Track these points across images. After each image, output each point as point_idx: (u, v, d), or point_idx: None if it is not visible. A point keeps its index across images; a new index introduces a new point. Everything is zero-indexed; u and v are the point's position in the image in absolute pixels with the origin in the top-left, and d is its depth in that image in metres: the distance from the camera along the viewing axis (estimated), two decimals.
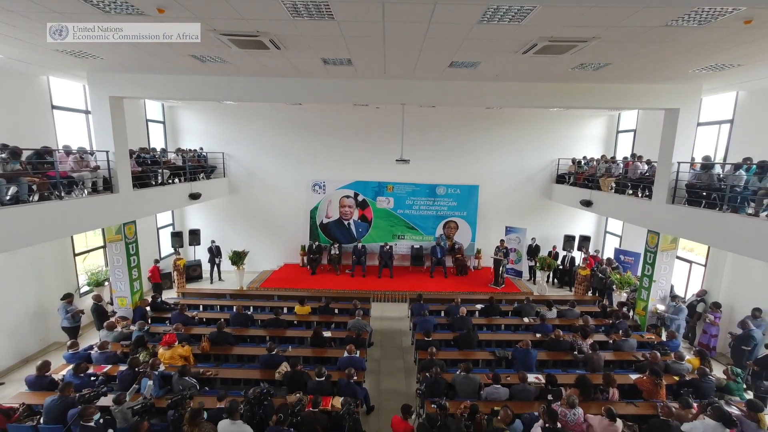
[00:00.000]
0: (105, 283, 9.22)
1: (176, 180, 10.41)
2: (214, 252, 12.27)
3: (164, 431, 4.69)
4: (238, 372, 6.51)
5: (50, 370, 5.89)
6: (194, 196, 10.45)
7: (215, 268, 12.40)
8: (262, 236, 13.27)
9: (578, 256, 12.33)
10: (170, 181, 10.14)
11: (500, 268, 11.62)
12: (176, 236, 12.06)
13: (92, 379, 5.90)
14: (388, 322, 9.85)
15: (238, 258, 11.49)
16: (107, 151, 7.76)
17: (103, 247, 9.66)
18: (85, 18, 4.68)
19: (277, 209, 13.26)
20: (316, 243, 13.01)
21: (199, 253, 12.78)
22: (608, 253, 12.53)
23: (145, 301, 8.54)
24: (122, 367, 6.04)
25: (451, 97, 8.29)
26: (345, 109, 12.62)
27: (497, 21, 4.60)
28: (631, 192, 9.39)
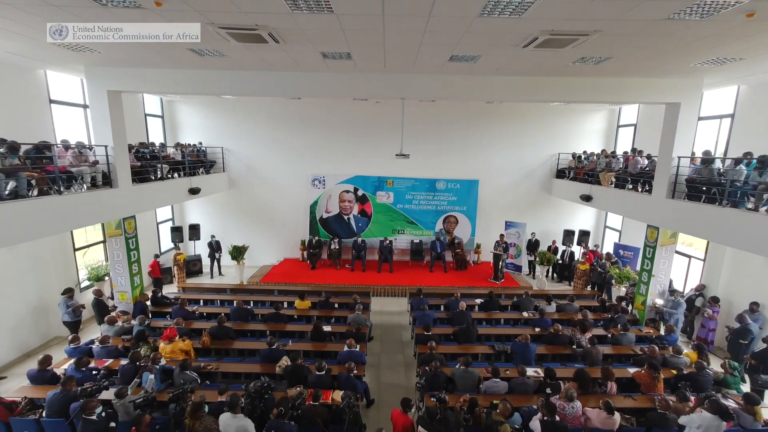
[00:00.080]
0: (105, 278, 9.25)
1: (175, 175, 10.40)
2: (214, 247, 12.28)
3: (166, 424, 4.72)
4: (238, 366, 6.54)
5: (52, 364, 5.91)
6: (194, 191, 10.45)
7: (215, 263, 12.43)
8: (261, 231, 13.28)
9: (578, 250, 12.35)
10: (169, 176, 10.13)
11: (500, 263, 11.64)
12: (176, 231, 12.06)
13: (94, 373, 5.94)
14: (387, 317, 9.88)
15: (238, 253, 11.52)
16: (106, 146, 7.74)
17: (103, 242, 9.66)
18: (83, 11, 4.64)
19: (277, 204, 13.25)
20: (316, 238, 13.02)
21: (199, 248, 12.79)
22: (608, 248, 12.55)
23: (146, 295, 8.56)
24: (123, 362, 6.06)
25: (451, 92, 8.25)
26: (345, 104, 12.55)
27: (498, 14, 4.57)
28: (631, 187, 9.38)
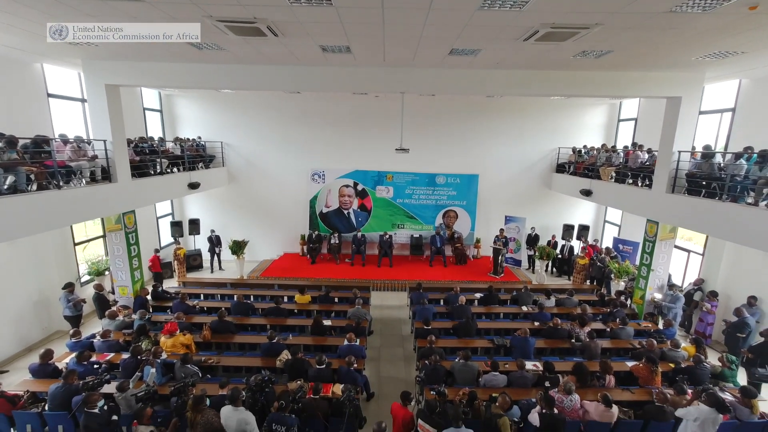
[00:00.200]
0: (106, 273, 9.26)
1: (175, 169, 10.38)
2: (214, 241, 12.29)
3: (168, 417, 4.76)
4: (239, 360, 6.57)
5: (53, 358, 5.95)
6: (193, 186, 10.43)
7: (215, 258, 12.44)
8: (261, 226, 13.28)
9: (577, 245, 12.37)
10: (169, 171, 10.10)
11: (499, 257, 11.66)
12: (176, 226, 12.07)
13: (95, 366, 5.98)
14: (387, 311, 9.92)
15: (238, 247, 11.53)
16: (104, 140, 7.71)
17: (103, 237, 9.67)
18: (82, 4, 4.60)
19: (277, 199, 13.23)
20: (316, 232, 13.03)
21: (199, 243, 12.80)
22: (607, 243, 12.58)
23: (146, 290, 8.57)
24: (125, 355, 6.10)
25: (451, 86, 8.21)
26: (344, 98, 12.49)
27: (498, 7, 4.52)
28: (631, 181, 9.37)
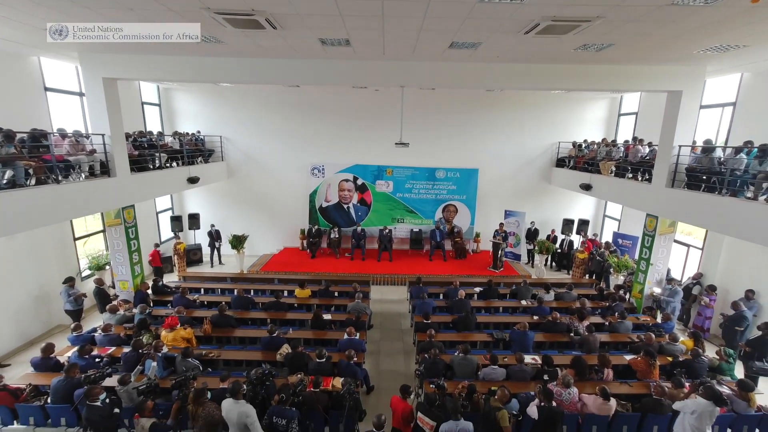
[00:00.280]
0: (106, 267, 9.28)
1: (174, 164, 10.35)
2: (214, 236, 12.29)
3: (169, 410, 4.80)
4: (240, 354, 6.61)
5: (54, 352, 5.97)
6: (192, 180, 10.41)
7: (215, 252, 12.46)
8: (261, 220, 13.28)
9: (576, 239, 12.39)
10: (168, 165, 10.07)
11: (499, 252, 11.68)
12: (176, 220, 12.06)
13: (97, 360, 6.02)
14: (387, 305, 9.96)
15: (237, 242, 11.54)
16: (103, 135, 7.67)
17: (102, 232, 9.67)
18: None
19: (276, 193, 13.21)
20: (316, 227, 13.03)
21: (199, 237, 12.81)
22: (606, 237, 12.60)
23: (146, 284, 8.60)
24: (126, 349, 6.13)
25: (451, 79, 8.14)
26: (343, 92, 12.41)
27: None
28: (630, 176, 9.36)
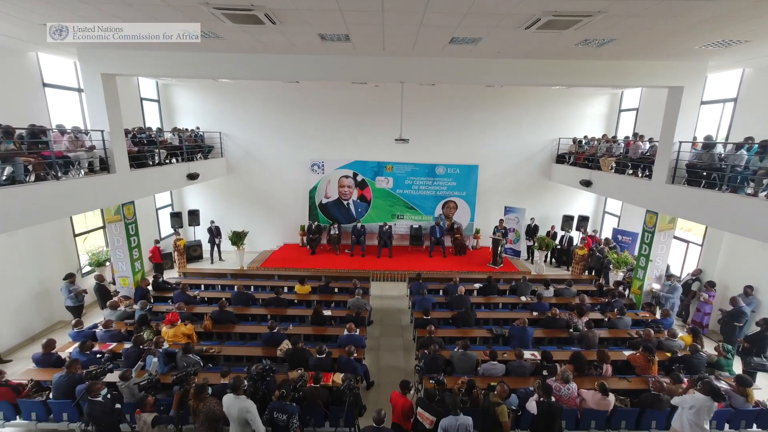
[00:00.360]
0: (106, 264, 9.28)
1: (173, 160, 10.33)
2: (214, 232, 12.30)
3: (170, 405, 4.83)
4: (240, 349, 6.63)
5: (55, 347, 6.00)
6: (192, 177, 10.39)
7: (215, 248, 12.47)
8: (261, 216, 13.27)
9: (576, 236, 12.40)
10: (167, 162, 10.05)
11: (499, 248, 11.68)
12: (175, 217, 12.06)
13: (98, 356, 6.04)
14: (387, 301, 9.99)
15: (237, 238, 11.54)
16: (102, 131, 7.65)
17: (103, 228, 9.67)
18: None
19: (276, 189, 13.20)
20: (316, 223, 13.03)
21: (199, 234, 12.81)
22: (606, 233, 12.61)
23: (147, 281, 8.61)
24: (127, 345, 6.14)
25: (451, 75, 8.11)
26: (343, 87, 12.35)
27: None
28: (631, 172, 9.34)
